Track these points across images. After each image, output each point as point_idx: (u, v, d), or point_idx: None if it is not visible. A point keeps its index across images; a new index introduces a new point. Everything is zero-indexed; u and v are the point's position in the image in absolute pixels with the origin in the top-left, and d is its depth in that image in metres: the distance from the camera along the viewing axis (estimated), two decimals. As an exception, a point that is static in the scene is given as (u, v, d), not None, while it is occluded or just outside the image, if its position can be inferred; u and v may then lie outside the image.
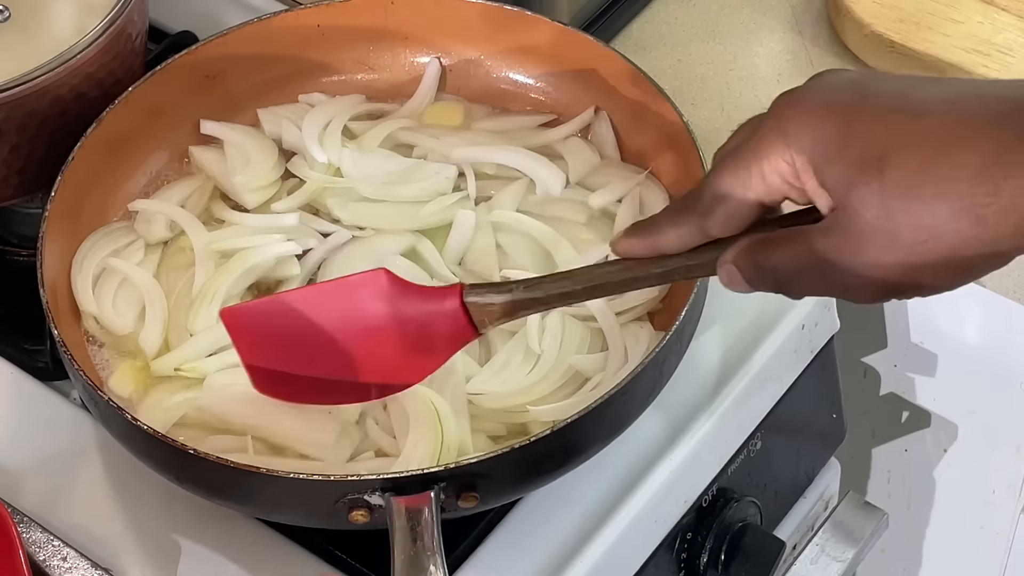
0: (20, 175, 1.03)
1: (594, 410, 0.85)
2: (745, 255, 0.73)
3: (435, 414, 0.90)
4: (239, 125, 1.08)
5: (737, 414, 1.00)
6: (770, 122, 0.71)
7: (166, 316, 0.98)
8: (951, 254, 0.66)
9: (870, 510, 1.10)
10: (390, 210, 1.02)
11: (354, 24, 1.09)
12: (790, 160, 0.70)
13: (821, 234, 0.69)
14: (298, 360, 0.85)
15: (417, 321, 0.82)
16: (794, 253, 0.70)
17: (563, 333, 0.95)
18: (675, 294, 0.98)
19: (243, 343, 0.86)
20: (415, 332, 0.83)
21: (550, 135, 1.07)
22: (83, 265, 0.99)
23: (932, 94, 0.67)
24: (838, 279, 0.69)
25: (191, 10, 1.23)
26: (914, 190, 0.65)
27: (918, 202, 0.65)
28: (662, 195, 1.02)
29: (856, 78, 0.70)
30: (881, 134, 0.66)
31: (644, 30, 1.22)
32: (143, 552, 0.93)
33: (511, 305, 0.80)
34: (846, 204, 0.67)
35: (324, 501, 0.84)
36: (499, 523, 0.94)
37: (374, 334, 0.83)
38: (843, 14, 1.16)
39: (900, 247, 0.66)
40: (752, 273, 0.73)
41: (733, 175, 0.72)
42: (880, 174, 0.66)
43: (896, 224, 0.66)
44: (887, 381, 1.30)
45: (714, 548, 1.02)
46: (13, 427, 1.00)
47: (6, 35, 1.02)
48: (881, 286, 0.68)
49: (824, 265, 0.69)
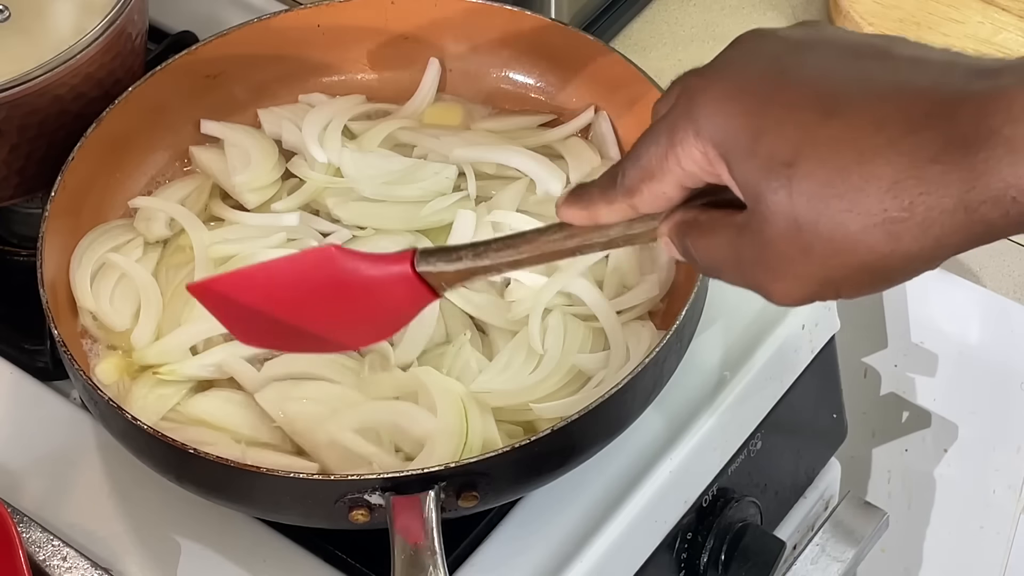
0: (20, 175, 1.03)
1: (594, 410, 0.85)
2: (676, 234, 0.70)
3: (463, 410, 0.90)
4: (239, 125, 1.08)
5: (737, 414, 1.00)
6: (681, 105, 0.67)
7: (160, 314, 0.98)
8: (867, 267, 0.62)
9: (870, 510, 1.10)
10: (390, 210, 1.02)
11: (354, 24, 1.09)
12: (702, 150, 0.66)
13: (737, 232, 0.66)
14: (271, 320, 0.85)
15: (374, 287, 0.83)
16: (716, 246, 0.68)
17: (565, 332, 0.95)
18: (675, 294, 0.98)
19: (217, 310, 0.86)
20: (374, 297, 0.83)
21: (550, 135, 1.07)
22: (82, 261, 0.99)
23: (852, 84, 0.62)
24: (753, 282, 0.66)
25: (191, 10, 1.23)
26: (823, 203, 0.61)
27: (827, 217, 0.61)
28: None
29: (778, 52, 0.65)
30: (791, 134, 0.62)
31: (644, 30, 1.22)
32: (143, 552, 0.93)
33: (462, 273, 0.79)
34: (756, 208, 0.64)
35: (324, 501, 0.84)
36: (499, 523, 0.94)
37: (334, 300, 0.84)
38: (843, 14, 1.16)
39: (811, 260, 0.63)
40: (682, 252, 0.70)
41: (652, 156, 0.68)
42: (788, 181, 0.62)
43: (806, 239, 0.62)
44: (887, 381, 1.30)
45: (714, 548, 1.02)
46: (13, 427, 1.00)
47: (6, 35, 1.02)
48: (797, 294, 0.65)
49: (742, 265, 0.66)
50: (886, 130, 0.60)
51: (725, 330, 1.02)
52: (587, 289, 0.96)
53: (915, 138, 0.60)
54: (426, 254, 0.79)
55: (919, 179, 0.59)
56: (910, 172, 0.59)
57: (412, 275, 0.80)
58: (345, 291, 0.82)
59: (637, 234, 0.74)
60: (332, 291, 0.83)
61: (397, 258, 0.80)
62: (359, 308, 0.83)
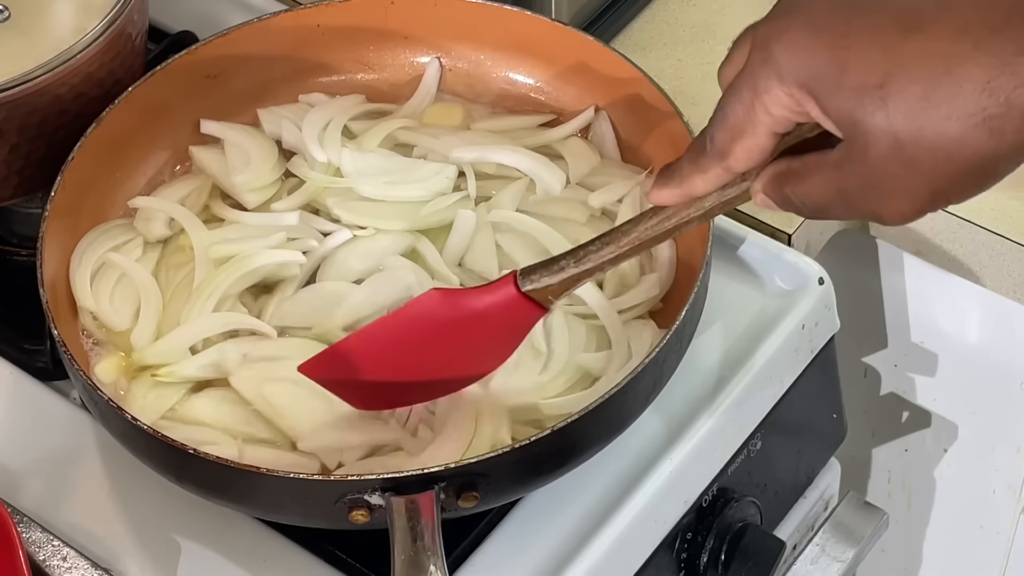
0: (20, 175, 1.03)
1: (594, 409, 0.85)
2: (773, 187, 0.71)
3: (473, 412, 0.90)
4: (239, 125, 1.08)
5: (737, 414, 1.00)
6: (756, 56, 0.68)
7: (160, 314, 0.98)
8: (974, 168, 0.64)
9: (870, 510, 1.10)
10: (390, 209, 1.02)
11: (354, 24, 1.09)
12: (788, 92, 0.67)
13: (837, 166, 0.67)
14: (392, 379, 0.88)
15: (484, 318, 0.84)
16: (817, 186, 0.69)
17: (569, 333, 0.95)
18: (675, 294, 0.98)
19: (332, 383, 0.89)
20: (486, 327, 0.84)
21: (550, 135, 1.07)
22: (82, 261, 0.99)
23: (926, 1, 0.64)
24: (863, 208, 0.68)
25: (191, 10, 1.23)
26: (922, 115, 0.63)
27: (928, 128, 0.63)
28: None
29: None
30: (876, 58, 0.64)
31: (644, 30, 1.22)
32: (143, 552, 0.93)
33: (567, 282, 0.81)
34: (854, 137, 0.66)
35: (324, 501, 0.84)
36: (499, 523, 0.94)
37: (446, 342, 0.86)
38: (843, 14, 1.16)
39: (919, 174, 0.65)
40: (782, 203, 0.72)
41: (739, 113, 0.70)
42: (883, 103, 0.64)
43: (910, 154, 0.64)
44: (887, 381, 1.30)
45: (714, 548, 1.02)
46: (13, 427, 1.00)
47: (6, 35, 1.02)
48: (909, 209, 0.67)
49: (847, 196, 0.68)
50: (970, 35, 0.63)
51: (725, 330, 1.02)
52: (588, 289, 0.96)
53: (999, 37, 0.62)
54: (527, 272, 0.82)
55: (1012, 74, 0.62)
56: (1001, 70, 0.62)
57: (519, 296, 0.82)
58: (457, 330, 0.84)
59: (732, 198, 0.75)
60: (444, 333, 0.85)
61: (500, 284, 0.83)
62: (473, 341, 0.85)
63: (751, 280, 1.05)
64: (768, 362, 1.01)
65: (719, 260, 1.04)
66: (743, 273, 1.05)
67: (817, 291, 1.04)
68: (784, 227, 1.08)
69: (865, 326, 1.25)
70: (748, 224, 1.07)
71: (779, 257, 1.04)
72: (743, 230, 1.06)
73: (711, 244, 0.93)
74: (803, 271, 1.04)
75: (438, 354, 0.87)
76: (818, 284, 1.04)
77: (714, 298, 0.98)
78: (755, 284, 1.05)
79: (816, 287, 1.04)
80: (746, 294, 1.04)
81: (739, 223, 1.07)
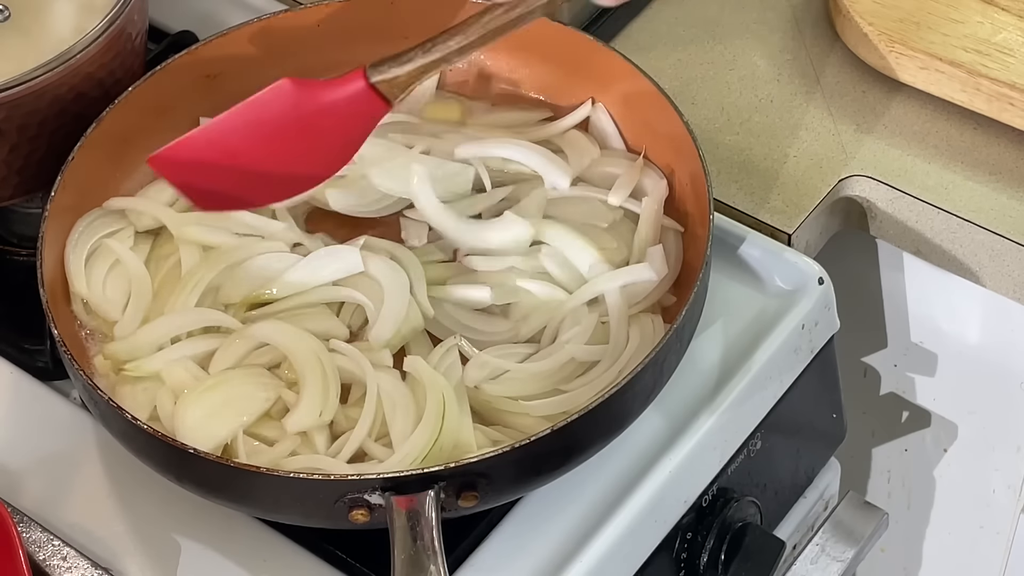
0: (20, 175, 1.03)
1: (594, 409, 0.85)
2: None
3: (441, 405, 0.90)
4: None
5: (737, 414, 1.00)
6: None
7: (148, 306, 0.98)
8: None
9: (870, 510, 1.10)
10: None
11: (354, 24, 1.09)
12: None
13: None
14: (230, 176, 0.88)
15: (332, 112, 0.85)
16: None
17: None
18: (676, 293, 0.98)
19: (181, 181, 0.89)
20: (333, 122, 0.85)
21: (549, 129, 1.06)
22: (76, 245, 0.99)
23: None
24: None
25: (191, 10, 1.23)
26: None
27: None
28: (661, 181, 1.02)
29: None
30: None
31: (644, 30, 1.22)
32: (143, 552, 0.93)
33: (415, 72, 0.82)
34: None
35: (324, 501, 0.85)
36: (499, 523, 0.94)
37: (295, 135, 0.87)
38: (843, 14, 1.16)
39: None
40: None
41: None
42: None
43: None
44: (887, 381, 1.30)
45: (714, 548, 1.02)
46: (13, 427, 1.00)
47: (6, 35, 1.02)
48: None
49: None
50: None
51: (725, 330, 1.02)
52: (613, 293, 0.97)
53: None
54: (376, 64, 0.83)
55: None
56: None
57: (367, 88, 0.84)
58: (304, 121, 0.86)
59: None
60: (292, 125, 0.86)
61: (350, 76, 0.84)
62: (319, 136, 0.86)
63: (751, 280, 1.05)
64: (768, 362, 1.01)
65: (719, 260, 1.04)
66: (743, 273, 1.05)
67: (817, 291, 1.04)
68: (784, 227, 1.08)
69: (865, 326, 1.25)
70: (748, 224, 1.07)
71: (779, 257, 1.04)
72: (743, 230, 1.06)
73: (711, 244, 0.93)
74: (803, 271, 1.04)
75: (285, 146, 0.88)
76: (818, 284, 1.04)
77: (714, 298, 0.98)
78: (755, 284, 1.05)
79: (816, 287, 1.04)
80: (746, 294, 1.04)
81: (739, 223, 1.07)
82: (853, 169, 1.11)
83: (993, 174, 1.10)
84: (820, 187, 1.10)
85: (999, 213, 1.08)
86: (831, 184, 1.11)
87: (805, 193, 1.10)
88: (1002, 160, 1.11)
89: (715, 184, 1.02)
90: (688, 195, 1.00)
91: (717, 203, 1.03)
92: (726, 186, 1.10)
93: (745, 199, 1.10)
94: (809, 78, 1.17)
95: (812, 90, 1.16)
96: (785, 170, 1.11)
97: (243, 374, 0.93)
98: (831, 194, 1.10)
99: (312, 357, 0.93)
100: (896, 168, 1.11)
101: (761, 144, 1.13)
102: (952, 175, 1.10)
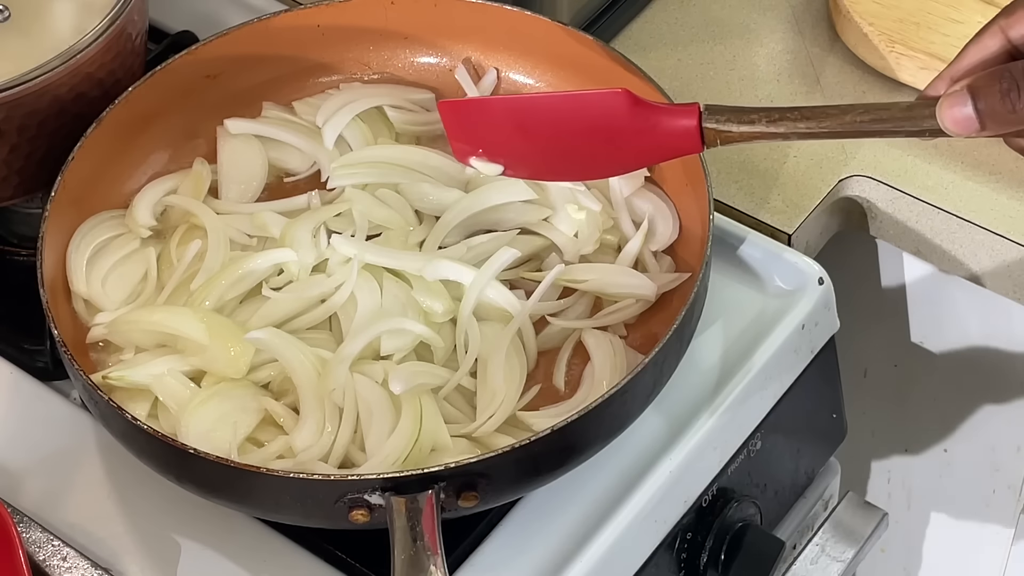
0: (20, 175, 1.03)
1: (594, 410, 0.85)
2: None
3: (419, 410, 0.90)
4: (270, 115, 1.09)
5: (737, 414, 1.00)
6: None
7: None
8: None
9: (870, 510, 1.10)
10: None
11: (354, 24, 1.09)
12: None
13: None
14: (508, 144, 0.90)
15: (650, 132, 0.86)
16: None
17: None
18: (676, 293, 0.98)
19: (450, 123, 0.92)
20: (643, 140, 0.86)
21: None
22: (80, 244, 0.99)
23: None
24: None
25: (191, 10, 1.23)
26: None
27: None
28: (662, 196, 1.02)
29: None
30: None
31: (644, 30, 1.22)
32: (143, 552, 0.93)
33: (749, 135, 0.81)
34: None
35: (324, 501, 0.85)
36: (499, 523, 0.94)
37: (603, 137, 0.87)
38: (843, 14, 1.16)
39: None
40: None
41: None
42: None
43: None
44: (887, 381, 1.30)
45: (714, 548, 1.02)
46: (13, 427, 1.00)
47: (6, 35, 1.02)
48: None
49: None
50: None
51: (725, 330, 1.02)
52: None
53: None
54: (715, 111, 0.82)
55: None
56: None
57: (695, 128, 0.83)
58: (622, 131, 0.85)
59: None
60: (607, 127, 0.86)
61: (685, 110, 0.84)
62: (621, 144, 0.86)
63: (751, 280, 1.05)
64: (768, 362, 1.01)
65: (719, 260, 1.04)
66: (743, 273, 1.05)
67: (817, 291, 1.04)
68: (784, 227, 1.08)
69: (865, 326, 1.25)
70: (748, 224, 1.07)
71: (779, 257, 1.04)
72: (743, 230, 1.06)
73: (711, 244, 0.93)
74: (803, 271, 1.04)
75: (584, 143, 0.88)
76: (818, 284, 1.04)
77: (714, 298, 0.98)
78: (755, 284, 1.05)
79: (816, 287, 1.04)
80: (746, 294, 1.04)
81: (739, 223, 1.07)
82: (853, 169, 1.11)
83: (993, 174, 1.10)
84: (820, 187, 1.10)
85: (999, 213, 1.08)
86: (831, 184, 1.11)
87: (805, 193, 1.10)
88: (1002, 160, 1.11)
89: (715, 184, 1.02)
90: (688, 195, 1.00)
91: (717, 203, 1.03)
92: (726, 186, 1.10)
93: (745, 199, 1.10)
94: (809, 78, 1.17)
95: (812, 90, 1.16)
96: (785, 170, 1.11)
97: (232, 386, 0.93)
98: (831, 194, 1.11)
99: (312, 373, 0.93)
100: (896, 168, 1.11)
101: (761, 144, 1.13)
102: (952, 175, 1.10)
